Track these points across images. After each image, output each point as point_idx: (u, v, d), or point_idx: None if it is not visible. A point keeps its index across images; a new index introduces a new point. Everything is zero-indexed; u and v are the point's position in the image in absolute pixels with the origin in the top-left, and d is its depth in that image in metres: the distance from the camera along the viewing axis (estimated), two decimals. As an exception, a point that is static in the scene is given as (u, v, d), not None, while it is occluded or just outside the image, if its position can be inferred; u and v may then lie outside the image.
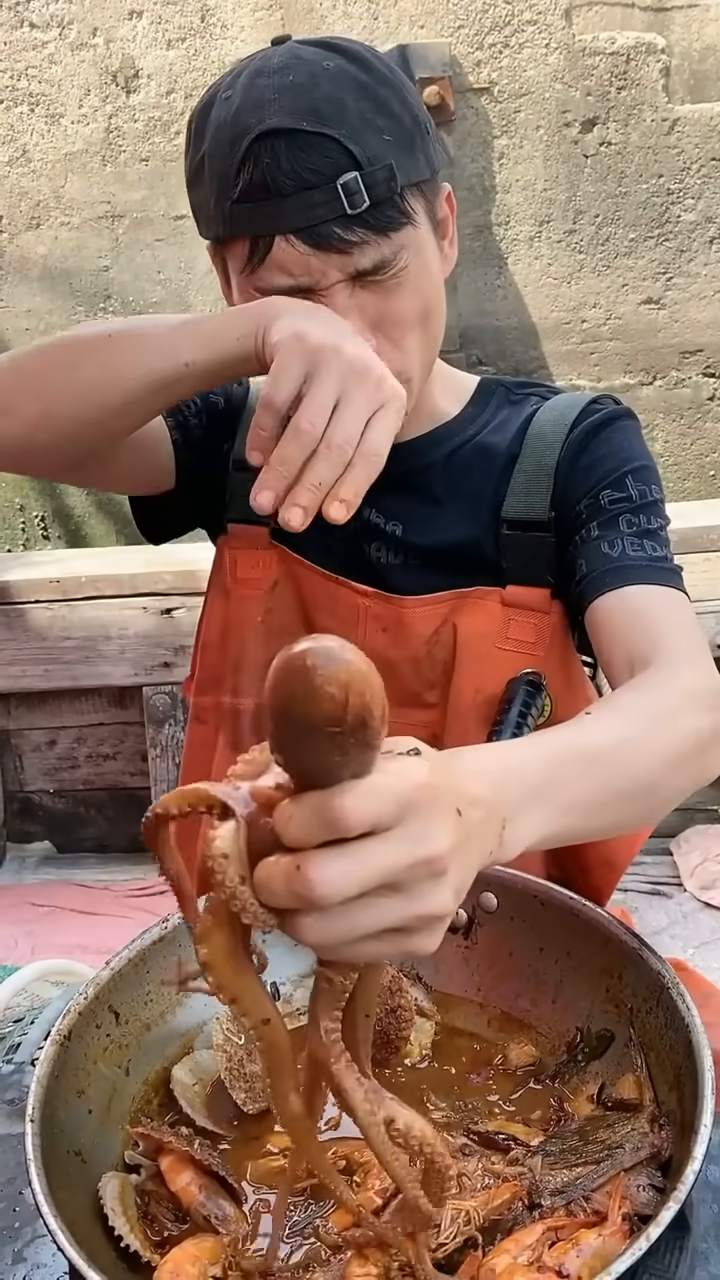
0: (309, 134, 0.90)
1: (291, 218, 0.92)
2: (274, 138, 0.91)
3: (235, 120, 0.93)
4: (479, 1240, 0.68)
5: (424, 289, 1.00)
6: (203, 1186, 0.74)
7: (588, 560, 1.04)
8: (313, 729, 0.46)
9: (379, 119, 0.93)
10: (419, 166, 0.97)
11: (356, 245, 0.93)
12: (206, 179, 0.97)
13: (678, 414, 3.31)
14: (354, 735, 0.47)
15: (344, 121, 0.91)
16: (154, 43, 3.13)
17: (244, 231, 0.95)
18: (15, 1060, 1.10)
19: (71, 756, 3.10)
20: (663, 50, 3.05)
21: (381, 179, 0.92)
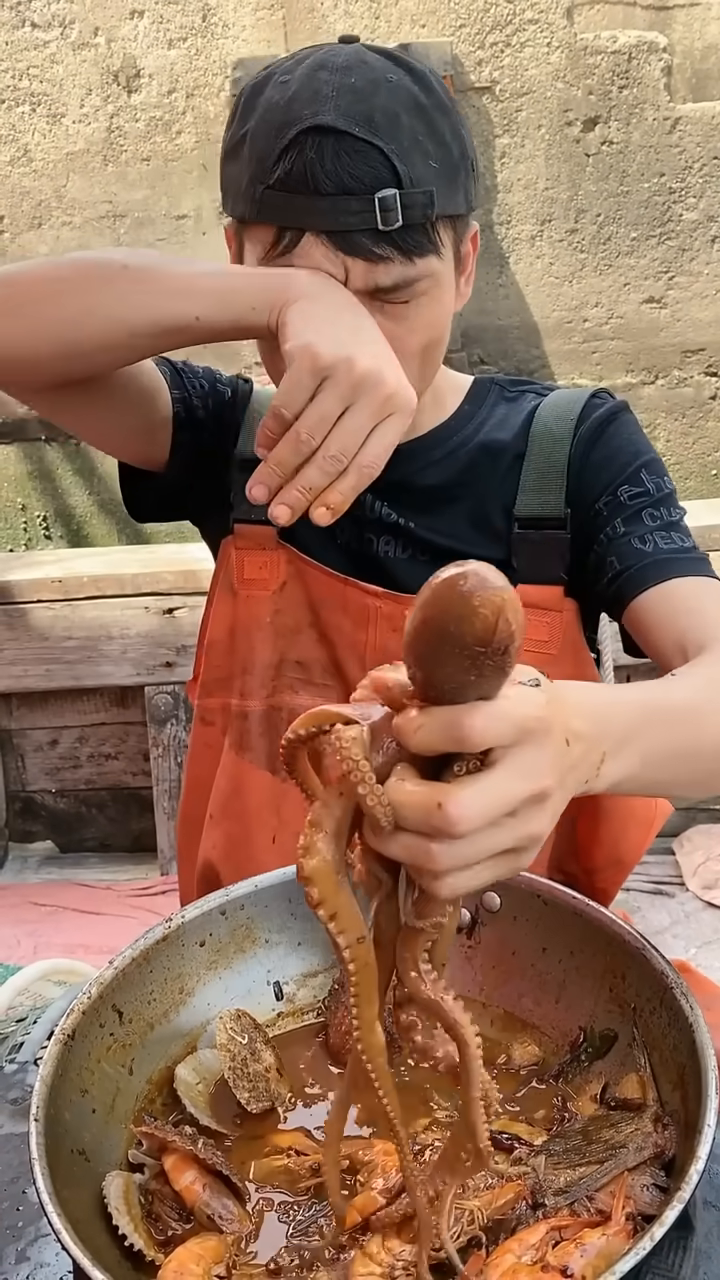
0: (358, 140, 0.90)
1: (323, 218, 0.91)
2: (323, 134, 0.90)
3: (288, 106, 0.92)
4: (483, 1240, 0.68)
5: (434, 321, 1.00)
6: (206, 1185, 0.74)
7: (620, 557, 1.05)
8: (461, 646, 0.50)
9: (429, 143, 0.93)
10: (456, 200, 0.97)
11: (381, 261, 0.93)
12: (245, 156, 0.95)
13: (679, 413, 3.31)
14: (494, 658, 0.50)
15: (395, 137, 0.91)
16: (155, 42, 3.13)
17: (272, 219, 0.94)
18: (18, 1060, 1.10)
19: (73, 756, 3.10)
20: (664, 49, 3.04)
21: (419, 203, 0.92)
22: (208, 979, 0.90)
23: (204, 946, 0.90)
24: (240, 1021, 0.86)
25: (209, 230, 3.25)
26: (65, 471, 3.49)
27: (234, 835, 1.19)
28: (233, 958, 0.92)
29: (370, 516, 1.14)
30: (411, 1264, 0.67)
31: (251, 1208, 0.75)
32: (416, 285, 0.96)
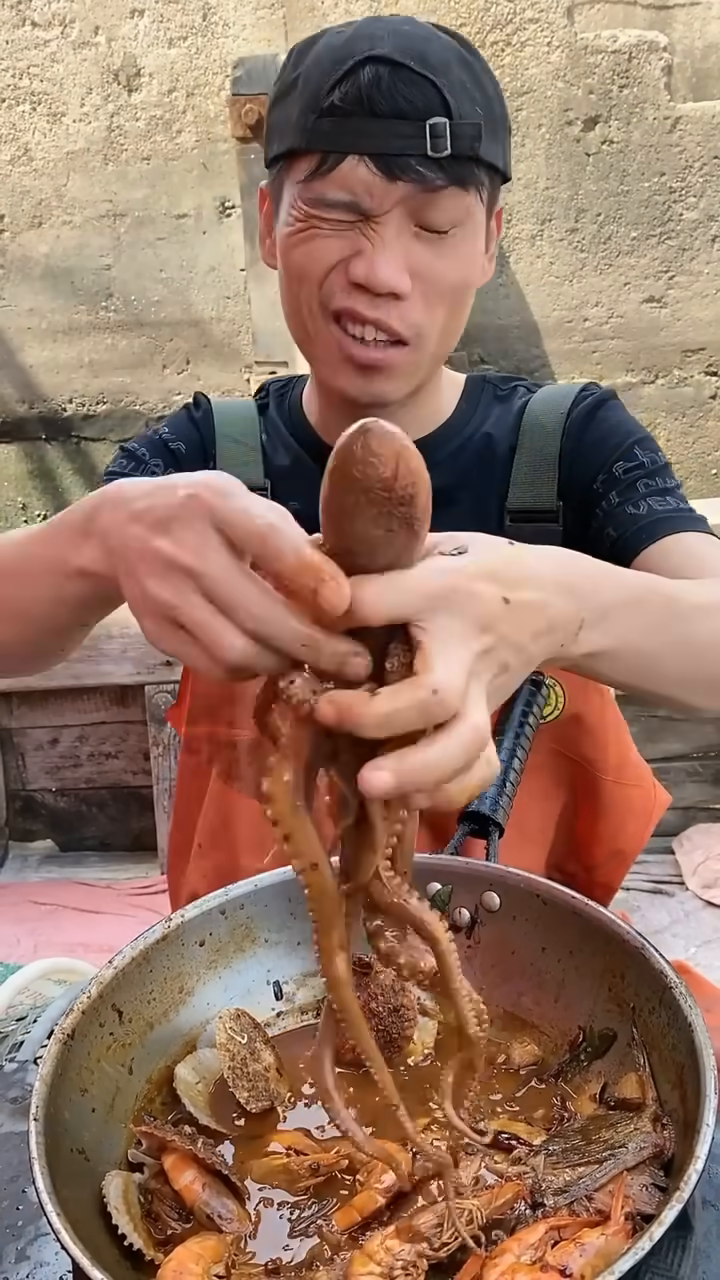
0: (413, 71, 0.93)
1: (374, 139, 0.93)
2: (379, 63, 0.93)
3: (345, 45, 0.95)
4: (482, 1239, 0.68)
5: (467, 269, 1.02)
6: (206, 1185, 0.74)
7: (616, 525, 1.06)
8: (365, 494, 0.52)
9: (475, 92, 0.96)
10: (496, 154, 1.00)
11: (427, 183, 0.94)
12: (296, 95, 0.98)
13: (680, 412, 3.31)
14: (398, 509, 0.52)
15: (446, 76, 0.94)
16: (156, 41, 3.13)
17: (321, 145, 0.95)
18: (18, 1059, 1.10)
19: (74, 755, 3.10)
20: (665, 48, 3.04)
21: (467, 134, 0.94)
22: (207, 978, 0.90)
23: (204, 946, 0.90)
24: (240, 1021, 0.86)
25: (209, 229, 3.25)
26: (65, 471, 3.49)
27: (223, 866, 1.18)
28: (232, 957, 0.92)
29: None
30: (411, 1263, 0.67)
31: (251, 1207, 0.75)
32: (455, 215, 0.97)
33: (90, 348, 3.38)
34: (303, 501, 1.24)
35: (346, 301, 1.00)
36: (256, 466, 1.19)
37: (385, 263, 0.97)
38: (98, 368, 3.39)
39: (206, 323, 3.33)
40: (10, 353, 3.41)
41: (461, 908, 0.93)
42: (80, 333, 3.37)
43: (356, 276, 0.98)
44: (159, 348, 3.37)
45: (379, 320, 0.99)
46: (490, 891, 0.92)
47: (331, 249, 0.99)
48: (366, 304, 0.99)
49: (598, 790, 1.17)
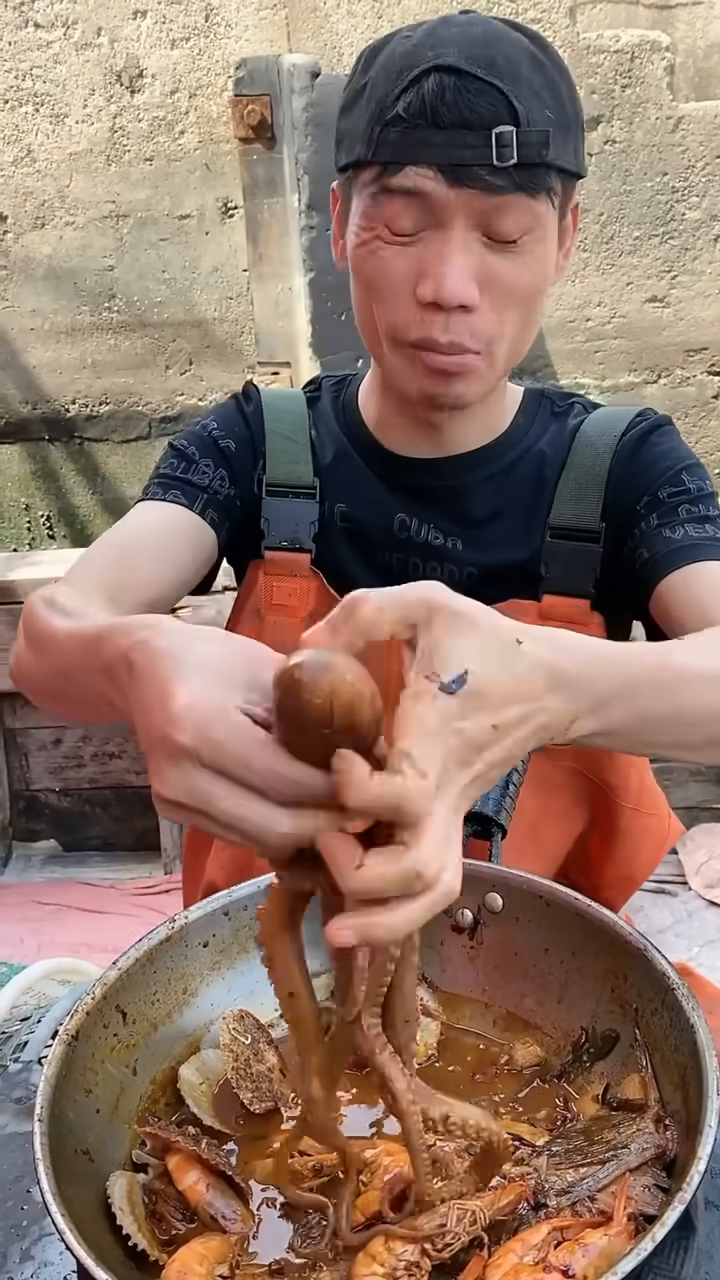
0: (478, 79, 0.92)
1: (438, 150, 0.93)
2: (444, 73, 0.92)
3: (411, 53, 0.95)
4: (485, 1240, 0.69)
5: (536, 275, 1.01)
6: (210, 1185, 0.75)
7: (649, 546, 1.05)
8: (306, 729, 0.54)
9: (545, 94, 0.95)
10: (568, 154, 0.98)
11: (494, 191, 0.94)
12: (364, 103, 0.97)
13: (683, 412, 3.31)
14: (343, 734, 0.54)
15: (514, 81, 0.93)
16: (158, 42, 3.13)
17: (386, 156, 0.95)
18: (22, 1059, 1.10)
19: (77, 755, 3.10)
20: (667, 48, 3.04)
21: (535, 141, 0.93)
22: (211, 979, 0.90)
23: (207, 947, 0.91)
24: (243, 1022, 0.87)
25: (211, 230, 3.25)
26: (69, 471, 3.49)
27: (240, 859, 1.18)
28: (236, 958, 0.92)
29: (416, 540, 1.14)
30: (414, 1264, 0.67)
31: (255, 1208, 0.76)
32: (524, 222, 0.96)
33: (93, 348, 3.38)
34: (350, 502, 1.18)
35: (420, 332, 1.00)
36: (306, 465, 1.18)
37: (452, 276, 0.96)
38: (100, 368, 3.39)
39: (209, 323, 3.33)
40: (13, 353, 3.41)
41: (464, 909, 0.93)
42: (83, 333, 3.37)
43: (425, 297, 0.98)
44: (161, 348, 3.37)
45: (452, 344, 0.99)
46: (493, 893, 0.92)
47: (398, 269, 0.99)
48: (440, 327, 0.98)
49: (616, 816, 1.16)
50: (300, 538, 1.16)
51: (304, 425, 1.19)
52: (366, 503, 1.16)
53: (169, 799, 0.59)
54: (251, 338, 3.27)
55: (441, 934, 0.94)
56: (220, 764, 0.57)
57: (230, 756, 0.57)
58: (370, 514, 1.16)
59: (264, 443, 1.18)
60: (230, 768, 0.57)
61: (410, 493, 1.15)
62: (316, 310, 3.05)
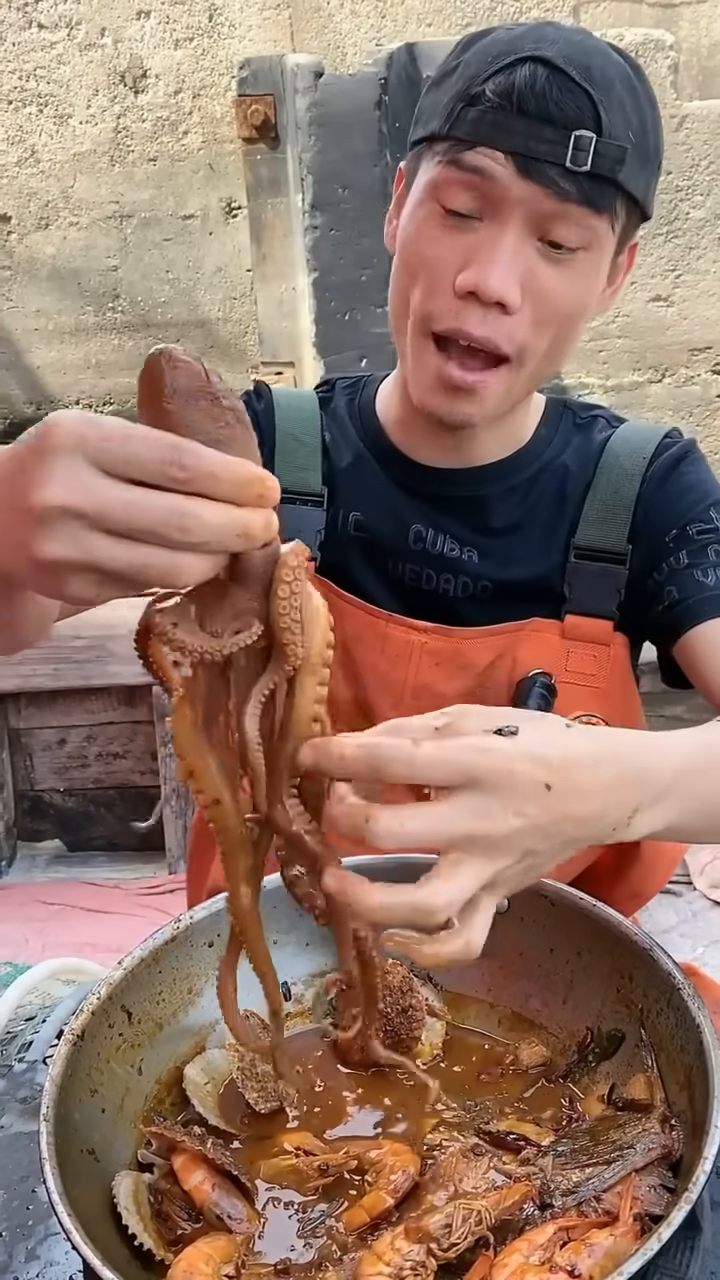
0: (572, 80, 0.90)
1: (514, 138, 0.91)
2: (540, 65, 0.91)
3: (512, 42, 0.93)
4: (490, 1240, 0.68)
5: (584, 295, 0.98)
6: (215, 1185, 0.75)
7: (680, 587, 1.04)
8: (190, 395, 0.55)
9: (633, 117, 0.93)
10: (640, 184, 0.96)
11: (559, 194, 0.91)
12: (454, 80, 0.95)
13: (686, 411, 3.30)
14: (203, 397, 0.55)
15: (606, 93, 0.91)
16: (162, 43, 3.13)
17: (464, 132, 0.93)
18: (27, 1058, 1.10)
19: (81, 755, 3.11)
20: (671, 46, 3.04)
21: (611, 155, 0.91)
22: (216, 979, 0.90)
23: (212, 947, 0.91)
24: (248, 1022, 0.87)
25: (215, 230, 3.25)
26: (73, 471, 3.50)
27: None
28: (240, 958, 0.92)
29: (431, 552, 1.11)
30: (420, 1264, 0.67)
31: (260, 1207, 0.76)
32: (582, 236, 0.94)
33: (97, 349, 3.39)
34: (365, 510, 1.13)
35: (453, 323, 0.96)
36: (315, 472, 1.14)
37: (498, 270, 0.93)
38: (104, 368, 3.40)
39: (213, 323, 3.34)
40: (17, 354, 3.42)
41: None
42: (87, 334, 3.37)
43: (466, 284, 0.94)
44: (165, 348, 3.38)
45: (485, 339, 0.96)
46: (498, 892, 0.92)
47: (445, 249, 0.96)
48: (476, 321, 0.95)
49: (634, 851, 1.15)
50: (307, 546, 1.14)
51: (315, 427, 1.16)
52: (382, 511, 1.14)
53: (50, 558, 0.54)
54: (255, 338, 3.28)
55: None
56: (109, 456, 0.53)
57: (117, 440, 0.53)
58: (386, 523, 1.13)
59: (274, 444, 1.16)
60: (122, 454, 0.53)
61: (428, 501, 1.12)
62: (320, 310, 3.05)
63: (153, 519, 0.53)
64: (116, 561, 0.54)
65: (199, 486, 0.54)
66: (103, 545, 0.54)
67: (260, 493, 0.55)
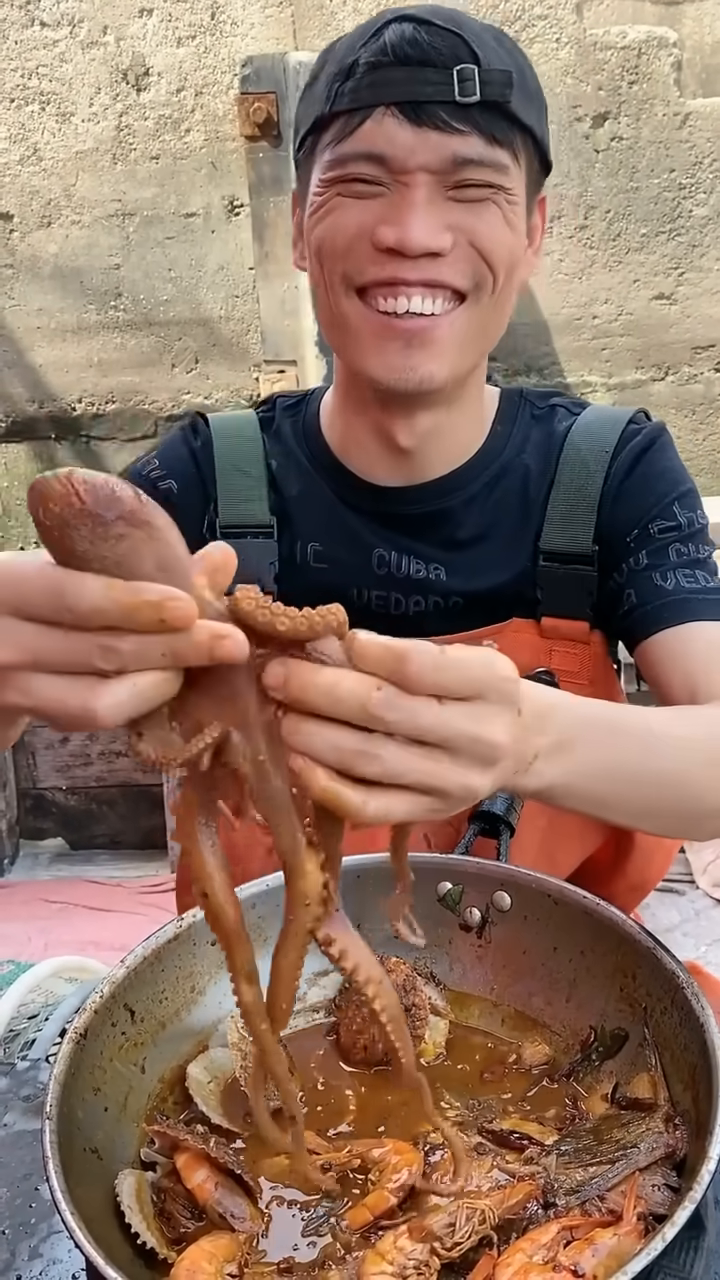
0: (443, 29, 0.90)
1: (400, 88, 0.89)
2: (405, 22, 0.91)
3: (372, 22, 0.94)
4: (494, 1239, 0.68)
5: (510, 240, 0.95)
6: (218, 1184, 0.75)
7: (638, 591, 1.01)
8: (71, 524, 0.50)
9: (504, 56, 0.93)
10: (532, 117, 0.94)
11: (457, 133, 0.90)
12: (323, 75, 0.95)
13: (690, 410, 3.30)
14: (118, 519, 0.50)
15: (481, 42, 0.91)
16: (164, 40, 3.13)
17: (347, 104, 0.92)
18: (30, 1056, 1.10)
19: (84, 754, 3.11)
20: (674, 44, 3.03)
21: (498, 80, 0.90)
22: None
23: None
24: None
25: (217, 228, 3.25)
26: (75, 470, 3.49)
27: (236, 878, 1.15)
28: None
29: (398, 575, 1.07)
30: (423, 1263, 0.67)
31: (263, 1206, 0.75)
32: (490, 174, 0.91)
33: (99, 347, 3.38)
34: (323, 540, 1.07)
35: (379, 272, 0.92)
36: (261, 503, 1.09)
37: (418, 220, 0.90)
38: (107, 367, 3.40)
39: (215, 322, 3.33)
40: (19, 352, 3.41)
41: (473, 907, 0.93)
42: (89, 332, 3.37)
43: (386, 240, 0.91)
44: (168, 347, 3.37)
45: (427, 279, 0.92)
46: (501, 891, 0.92)
47: (354, 216, 0.93)
48: (408, 268, 0.91)
49: (630, 841, 1.14)
50: (261, 581, 1.07)
51: (258, 455, 1.10)
52: (341, 540, 1.08)
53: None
54: (258, 336, 3.27)
55: (450, 933, 0.94)
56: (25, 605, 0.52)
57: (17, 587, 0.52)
58: (346, 552, 1.08)
59: (215, 484, 1.09)
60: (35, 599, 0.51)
61: (388, 523, 1.07)
62: (323, 308, 3.05)
63: (77, 651, 0.51)
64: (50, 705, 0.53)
65: (94, 624, 0.51)
66: (37, 689, 0.53)
67: (157, 616, 0.50)
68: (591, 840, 1.13)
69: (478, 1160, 0.75)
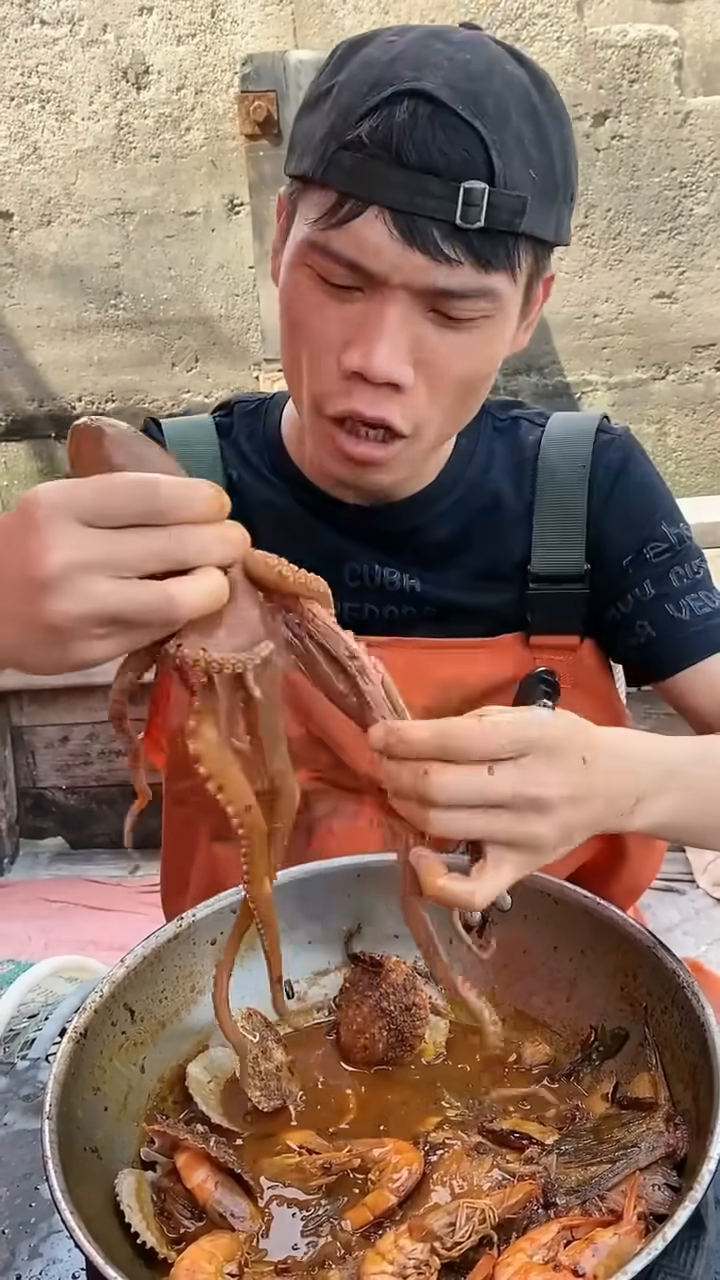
0: (459, 118, 0.78)
1: (396, 192, 0.79)
2: (421, 100, 0.78)
3: (389, 65, 0.80)
4: (494, 1239, 0.68)
5: (486, 357, 0.89)
6: (218, 1183, 0.75)
7: (654, 624, 1.02)
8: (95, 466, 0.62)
9: (533, 149, 0.82)
10: (547, 223, 0.85)
11: (447, 262, 0.81)
12: (326, 109, 0.83)
13: (690, 408, 3.30)
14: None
15: (499, 129, 0.79)
16: (164, 38, 3.12)
17: (338, 181, 0.82)
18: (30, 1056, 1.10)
19: (84, 753, 3.11)
20: (675, 42, 3.03)
21: (508, 208, 0.80)
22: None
23: (215, 945, 0.91)
24: (251, 1020, 0.86)
25: (218, 227, 3.25)
26: (75, 469, 3.49)
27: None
28: (244, 956, 0.91)
29: (372, 586, 1.05)
30: (423, 1263, 0.67)
31: (263, 1206, 0.75)
32: (479, 304, 0.84)
33: (99, 346, 3.38)
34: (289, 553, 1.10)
35: (344, 405, 0.88)
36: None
37: (384, 351, 0.84)
38: (106, 366, 3.39)
39: (215, 320, 3.33)
40: (19, 351, 3.41)
41: (473, 907, 0.93)
42: (89, 331, 3.37)
43: (352, 364, 0.85)
44: (168, 346, 3.37)
45: (378, 419, 0.88)
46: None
47: (327, 323, 0.87)
48: (367, 401, 0.86)
49: (624, 840, 1.14)
50: None
51: (216, 465, 1.06)
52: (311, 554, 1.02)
53: (63, 614, 0.58)
54: (258, 335, 3.27)
55: (450, 932, 0.94)
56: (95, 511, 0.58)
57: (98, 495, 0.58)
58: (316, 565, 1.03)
59: None
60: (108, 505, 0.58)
61: (358, 536, 1.05)
62: (323, 307, 3.04)
63: (156, 546, 0.58)
64: (130, 603, 0.58)
65: (177, 516, 0.58)
66: (112, 591, 0.58)
67: (221, 504, 0.60)
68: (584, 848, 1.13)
69: (478, 1159, 0.75)
